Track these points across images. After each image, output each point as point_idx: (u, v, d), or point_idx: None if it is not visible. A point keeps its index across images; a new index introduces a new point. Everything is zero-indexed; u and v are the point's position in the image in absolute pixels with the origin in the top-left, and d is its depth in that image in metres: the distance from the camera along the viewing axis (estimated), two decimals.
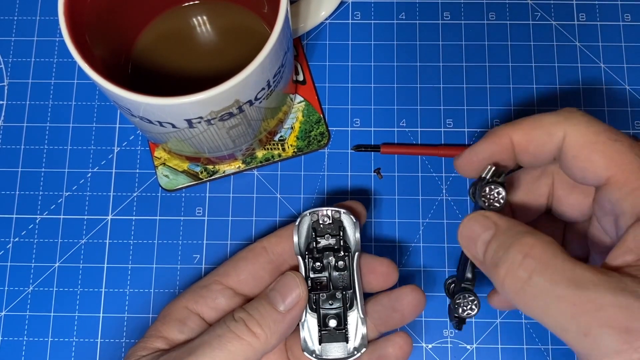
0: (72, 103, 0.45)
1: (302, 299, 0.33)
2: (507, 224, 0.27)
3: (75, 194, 0.43)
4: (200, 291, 0.35)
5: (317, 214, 0.35)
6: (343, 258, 0.35)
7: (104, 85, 0.31)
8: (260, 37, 0.36)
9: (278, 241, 0.36)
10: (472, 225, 0.28)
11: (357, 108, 0.44)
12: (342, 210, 0.35)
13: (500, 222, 0.28)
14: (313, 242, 0.35)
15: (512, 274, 0.25)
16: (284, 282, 0.34)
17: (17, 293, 0.41)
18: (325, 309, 0.34)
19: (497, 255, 0.26)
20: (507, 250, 0.26)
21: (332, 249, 0.35)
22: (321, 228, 0.35)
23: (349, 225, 0.35)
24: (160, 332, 0.34)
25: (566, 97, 0.44)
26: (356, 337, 0.35)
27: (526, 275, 0.25)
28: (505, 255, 0.26)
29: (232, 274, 0.36)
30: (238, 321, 0.32)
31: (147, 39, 0.41)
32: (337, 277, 0.35)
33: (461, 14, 0.46)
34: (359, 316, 0.35)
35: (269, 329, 0.32)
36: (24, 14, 0.46)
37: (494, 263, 0.26)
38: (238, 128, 0.36)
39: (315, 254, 0.35)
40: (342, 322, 0.34)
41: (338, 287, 0.35)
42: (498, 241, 0.27)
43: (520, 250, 0.25)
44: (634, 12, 0.46)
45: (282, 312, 0.32)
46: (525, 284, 0.25)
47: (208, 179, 0.43)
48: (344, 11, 0.46)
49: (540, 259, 0.25)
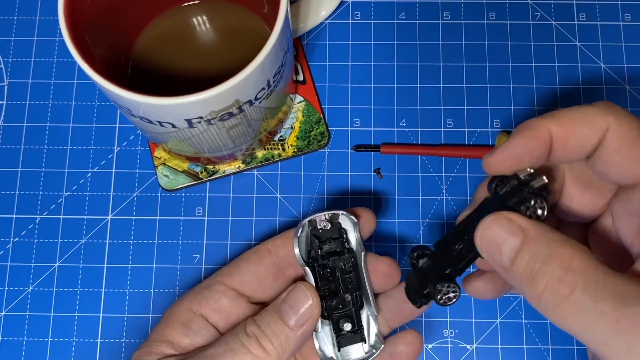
0: (72, 103, 0.45)
1: (315, 315, 0.32)
2: (536, 230, 0.26)
3: (75, 194, 0.43)
4: (203, 292, 0.35)
5: (315, 221, 0.34)
6: (349, 260, 0.34)
7: (104, 85, 0.31)
8: (260, 37, 0.36)
9: (283, 243, 0.36)
10: (496, 228, 0.26)
11: (357, 108, 0.44)
12: (339, 212, 0.35)
13: (528, 227, 0.26)
14: (317, 249, 0.34)
15: (552, 290, 0.24)
16: (296, 296, 0.32)
17: (17, 293, 0.41)
18: (338, 314, 0.34)
19: (532, 267, 0.25)
20: (546, 263, 0.24)
21: (337, 253, 0.35)
22: (321, 234, 0.35)
23: (349, 226, 0.35)
24: (165, 336, 0.34)
25: (566, 97, 0.44)
26: (370, 336, 0.34)
27: (568, 291, 0.23)
28: (544, 269, 0.24)
29: (235, 275, 0.35)
30: (250, 336, 0.31)
31: (147, 39, 0.41)
32: (346, 280, 0.34)
33: (461, 14, 0.46)
34: (370, 314, 0.34)
35: (280, 346, 0.31)
36: (24, 14, 0.46)
37: (529, 276, 0.25)
38: (238, 128, 0.36)
39: (321, 261, 0.34)
40: (355, 323, 0.34)
41: (348, 289, 0.34)
42: (531, 251, 0.25)
43: (560, 263, 0.24)
44: (634, 12, 0.46)
45: (294, 327, 0.32)
46: (566, 299, 0.24)
47: (208, 179, 0.43)
48: (344, 11, 0.46)
49: (582, 273, 0.23)
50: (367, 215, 0.35)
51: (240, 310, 0.35)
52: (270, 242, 0.36)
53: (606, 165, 0.28)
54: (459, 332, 0.41)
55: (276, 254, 0.36)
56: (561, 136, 0.28)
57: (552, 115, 0.28)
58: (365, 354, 0.34)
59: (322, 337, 0.34)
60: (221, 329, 0.34)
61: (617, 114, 0.27)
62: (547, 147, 0.28)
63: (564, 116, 0.28)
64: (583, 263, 0.24)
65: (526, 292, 0.25)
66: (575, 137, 0.28)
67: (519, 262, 0.25)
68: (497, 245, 0.26)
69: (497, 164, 0.29)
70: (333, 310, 0.34)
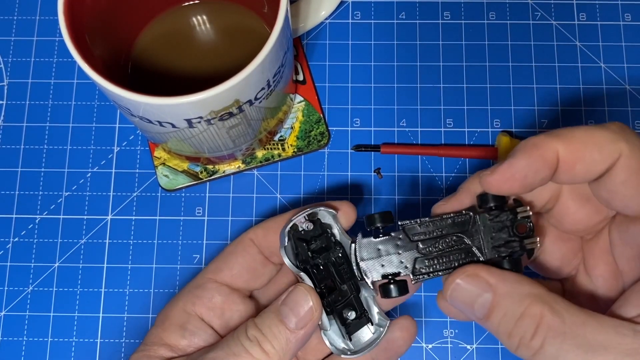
0: (72, 103, 0.45)
1: (316, 317, 0.32)
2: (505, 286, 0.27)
3: (75, 194, 0.43)
4: (195, 292, 0.35)
5: (296, 225, 0.34)
6: (338, 252, 0.34)
7: (104, 85, 0.31)
8: (260, 37, 0.36)
9: (264, 234, 0.35)
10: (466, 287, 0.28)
11: (357, 108, 0.44)
12: (317, 210, 0.34)
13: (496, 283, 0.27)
14: (306, 251, 0.34)
15: (525, 345, 0.26)
16: (296, 298, 0.32)
17: (17, 293, 0.41)
18: (340, 306, 0.34)
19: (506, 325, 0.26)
20: (519, 323, 0.26)
21: (325, 249, 0.35)
22: (305, 235, 0.34)
23: (330, 220, 0.35)
24: (162, 339, 0.34)
25: (566, 97, 0.44)
26: (374, 316, 0.34)
27: (538, 345, 0.25)
28: (517, 329, 0.26)
29: (224, 270, 0.35)
30: (252, 340, 0.32)
31: (147, 39, 0.41)
32: (340, 272, 0.34)
33: (461, 13, 0.46)
34: (368, 296, 0.34)
35: (282, 349, 0.31)
36: (24, 14, 0.46)
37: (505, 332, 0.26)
38: (238, 128, 0.36)
39: (312, 262, 0.34)
40: (357, 309, 0.34)
41: (344, 280, 0.34)
42: (504, 309, 0.27)
43: (531, 323, 0.25)
44: (634, 12, 0.46)
45: (295, 330, 0.32)
46: (537, 353, 0.25)
47: (208, 178, 0.43)
48: (344, 11, 0.46)
49: (550, 327, 0.25)
50: (345, 207, 0.35)
51: (234, 305, 0.35)
52: (251, 232, 0.36)
53: (611, 194, 0.27)
54: (459, 332, 0.41)
55: (259, 244, 0.35)
56: (569, 159, 0.26)
57: (560, 135, 0.26)
58: (373, 334, 0.34)
59: (329, 334, 0.34)
60: (216, 327, 0.34)
61: (630, 141, 0.26)
62: (552, 170, 0.27)
63: (575, 138, 0.26)
64: (552, 318, 0.25)
65: (504, 343, 0.27)
66: (584, 163, 0.26)
67: (493, 319, 0.27)
68: (469, 305, 0.28)
69: (498, 184, 0.28)
70: (335, 304, 0.34)
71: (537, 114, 0.44)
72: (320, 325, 0.33)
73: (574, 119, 0.44)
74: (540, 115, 0.44)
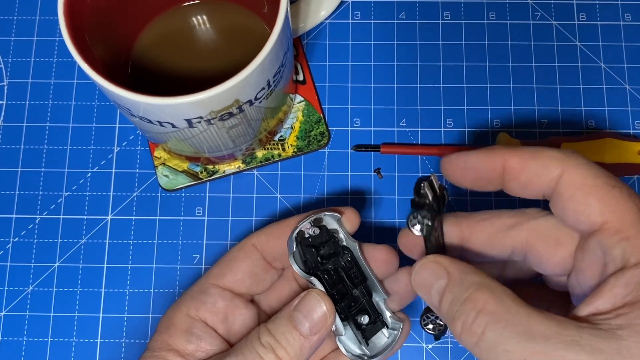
0: (72, 103, 0.45)
1: (330, 322, 0.32)
2: (459, 273, 0.27)
3: (75, 194, 0.43)
4: (199, 297, 0.35)
5: (302, 232, 0.34)
6: (347, 256, 0.34)
7: (104, 85, 0.31)
8: (260, 37, 0.36)
9: (267, 239, 0.35)
10: (424, 272, 0.29)
11: (357, 108, 0.44)
12: (321, 215, 0.34)
13: (453, 270, 0.28)
14: (315, 258, 0.34)
15: (467, 330, 0.26)
16: (309, 304, 0.32)
17: (17, 293, 0.41)
18: (353, 311, 0.34)
19: (452, 309, 0.27)
20: (462, 306, 0.26)
21: (334, 254, 0.34)
22: (312, 241, 0.34)
23: (335, 224, 0.35)
24: (169, 345, 0.34)
25: (566, 97, 0.44)
26: (387, 319, 0.34)
27: (480, 330, 0.25)
28: (460, 312, 0.26)
29: (227, 276, 0.35)
30: (266, 347, 0.32)
31: (147, 39, 0.41)
32: (350, 276, 0.34)
33: (461, 13, 0.46)
34: (379, 300, 0.34)
35: (295, 355, 0.32)
36: (24, 14, 0.46)
37: (451, 317, 0.27)
38: (238, 128, 0.36)
39: (323, 268, 0.34)
40: (371, 313, 0.34)
41: (355, 284, 0.34)
42: (452, 294, 0.27)
43: (473, 306, 0.26)
44: (634, 12, 0.46)
45: (308, 336, 0.32)
46: (479, 339, 0.25)
47: (208, 178, 0.43)
48: (344, 11, 0.46)
49: (493, 314, 0.25)
50: (349, 213, 0.35)
51: (237, 310, 0.35)
52: (254, 237, 0.36)
53: (562, 210, 0.28)
54: None
55: (262, 249, 0.36)
56: (515, 169, 0.29)
57: (513, 148, 0.29)
58: (387, 337, 0.34)
59: (344, 340, 0.34)
60: (220, 331, 0.34)
61: (575, 160, 0.28)
62: (496, 173, 0.29)
63: (524, 152, 0.29)
64: (496, 304, 0.26)
65: (451, 330, 0.27)
66: (527, 174, 0.29)
67: (443, 304, 0.27)
68: (427, 288, 0.29)
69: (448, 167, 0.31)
70: (349, 309, 0.34)
71: (537, 114, 0.44)
72: (334, 332, 0.33)
73: (574, 119, 0.44)
74: (540, 115, 0.44)
